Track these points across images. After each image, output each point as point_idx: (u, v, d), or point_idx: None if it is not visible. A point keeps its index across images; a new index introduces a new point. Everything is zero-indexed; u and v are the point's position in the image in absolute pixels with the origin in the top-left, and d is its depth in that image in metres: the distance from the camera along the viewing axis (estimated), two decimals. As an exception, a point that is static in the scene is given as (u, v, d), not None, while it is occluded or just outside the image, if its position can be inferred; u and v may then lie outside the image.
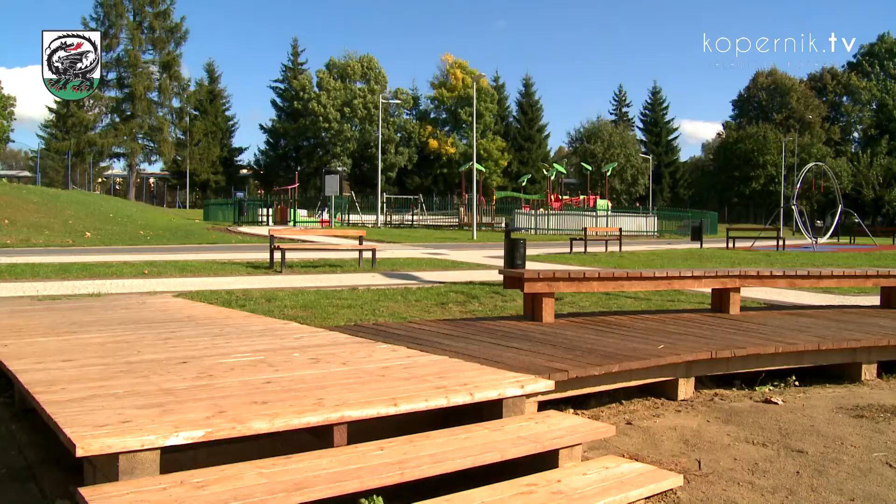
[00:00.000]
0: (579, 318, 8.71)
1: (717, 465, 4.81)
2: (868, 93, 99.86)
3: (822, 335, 7.56)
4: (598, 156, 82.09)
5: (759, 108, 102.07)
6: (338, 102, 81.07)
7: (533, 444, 4.14)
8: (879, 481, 4.62)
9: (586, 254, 24.21)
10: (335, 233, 27.34)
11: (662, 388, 6.46)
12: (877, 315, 9.49)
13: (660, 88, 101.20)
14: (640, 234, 45.69)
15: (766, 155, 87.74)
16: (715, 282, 9.19)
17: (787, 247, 32.77)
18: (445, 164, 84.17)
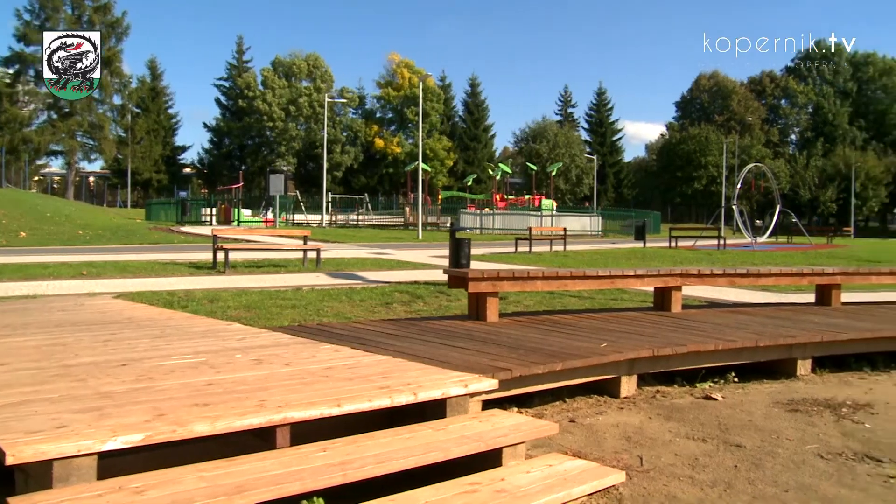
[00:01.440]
0: (524, 317, 8.76)
1: (659, 460, 4.88)
2: (805, 96, 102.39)
3: (760, 332, 7.72)
4: (543, 156, 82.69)
5: (701, 110, 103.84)
6: (283, 101, 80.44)
7: (476, 443, 4.15)
8: (812, 472, 4.75)
9: (531, 253, 24.36)
10: (280, 233, 27.05)
11: (605, 385, 6.53)
12: (811, 312, 9.72)
13: (605, 89, 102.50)
14: (585, 234, 46.09)
15: (707, 156, 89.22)
16: (657, 281, 9.32)
17: (728, 246, 33.37)
18: (391, 163, 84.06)
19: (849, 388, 7.19)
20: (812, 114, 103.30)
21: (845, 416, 6.14)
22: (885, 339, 8.19)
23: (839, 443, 5.41)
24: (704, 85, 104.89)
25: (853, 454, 5.16)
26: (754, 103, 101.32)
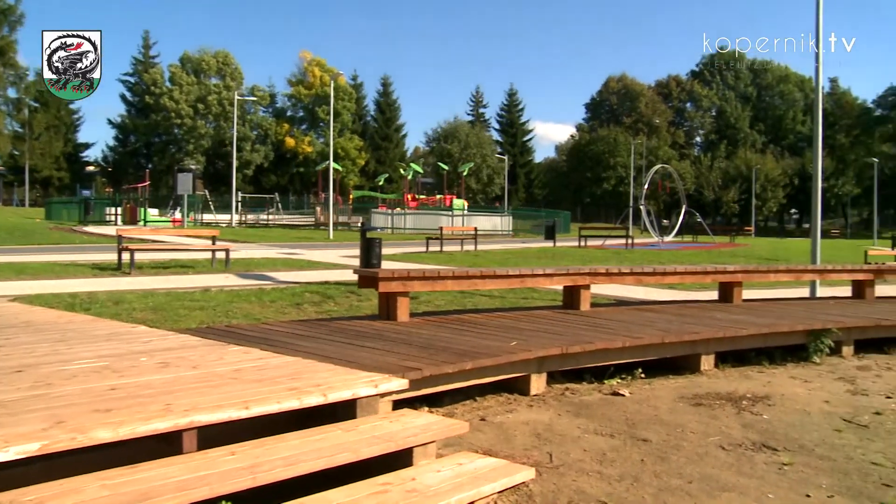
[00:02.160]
0: (434, 316, 8.79)
1: (568, 456, 4.96)
2: (709, 100, 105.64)
3: (666, 329, 7.92)
4: (454, 156, 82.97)
5: (610, 112, 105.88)
6: (191, 98, 78.65)
7: (387, 443, 4.14)
8: (714, 463, 4.91)
9: (442, 253, 24.44)
10: (188, 232, 26.47)
11: (516, 383, 6.59)
12: (715, 309, 10.02)
13: (516, 90, 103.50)
14: (496, 234, 46.47)
15: (616, 157, 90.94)
16: (566, 279, 9.46)
17: (636, 245, 34.10)
18: (302, 162, 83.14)
19: (749, 382, 7.44)
20: (716, 117, 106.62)
21: (745, 408, 6.35)
22: (781, 333, 8.51)
23: (739, 434, 5.60)
24: (613, 87, 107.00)
25: (752, 444, 5.35)
26: (661, 106, 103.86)
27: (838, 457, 5.16)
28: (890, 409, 6.56)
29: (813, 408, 6.49)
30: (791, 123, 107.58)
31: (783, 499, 4.35)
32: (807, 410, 6.39)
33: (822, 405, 6.60)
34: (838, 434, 5.73)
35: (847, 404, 6.68)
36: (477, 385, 6.25)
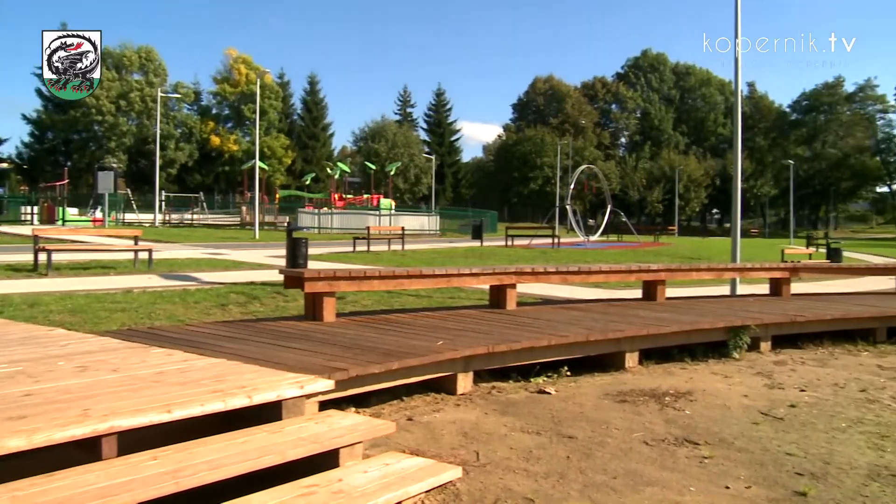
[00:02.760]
0: (361, 316, 8.75)
1: (495, 455, 4.99)
2: (633, 102, 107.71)
3: (591, 327, 8.02)
4: (382, 155, 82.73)
5: (537, 113, 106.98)
6: (112, 94, 76.67)
7: (313, 444, 4.11)
8: (638, 458, 5.00)
9: (369, 252, 24.35)
10: (109, 232, 25.89)
11: (442, 383, 6.60)
12: (639, 307, 10.19)
13: (443, 90, 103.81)
14: (423, 233, 46.48)
15: (543, 157, 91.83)
16: (493, 279, 9.51)
17: (562, 244, 34.50)
18: (228, 161, 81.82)
19: (672, 378, 7.59)
20: (640, 118, 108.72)
21: (668, 404, 6.48)
22: (703, 330, 8.71)
23: (662, 429, 5.71)
24: (540, 88, 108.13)
25: (675, 439, 5.46)
26: (587, 107, 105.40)
27: (756, 449, 5.31)
28: (803, 401, 6.77)
29: (732, 402, 6.65)
30: (713, 126, 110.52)
31: (704, 491, 4.45)
32: (727, 405, 6.55)
33: (741, 399, 6.77)
34: (756, 427, 5.89)
35: (764, 398, 6.87)
36: (404, 385, 6.24)
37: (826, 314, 10.05)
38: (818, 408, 6.56)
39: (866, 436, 5.75)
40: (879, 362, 8.88)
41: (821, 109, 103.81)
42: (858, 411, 6.49)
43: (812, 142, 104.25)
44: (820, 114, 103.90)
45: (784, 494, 4.45)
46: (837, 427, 5.97)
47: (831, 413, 6.40)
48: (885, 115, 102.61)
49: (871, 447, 5.46)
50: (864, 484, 4.68)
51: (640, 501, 4.28)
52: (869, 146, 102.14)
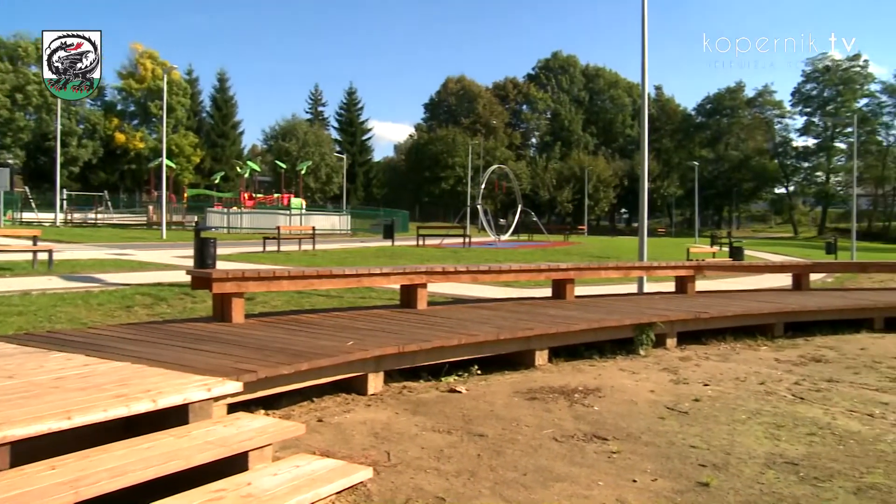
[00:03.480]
0: (271, 317, 8.63)
1: (406, 454, 4.98)
2: (544, 103, 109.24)
3: (501, 326, 8.09)
4: (293, 154, 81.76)
5: (448, 112, 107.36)
6: (7, 87, 73.69)
7: (221, 448, 4.04)
8: (548, 455, 5.07)
9: (280, 253, 24.03)
10: (4, 232, 24.79)
11: (353, 383, 6.57)
12: (548, 305, 10.33)
13: (355, 89, 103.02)
14: (334, 233, 46.20)
15: (454, 157, 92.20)
16: (403, 278, 9.51)
17: (473, 244, 34.70)
18: (134, 159, 79.65)
19: (581, 375, 7.71)
20: (551, 119, 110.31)
21: (577, 400, 6.58)
22: (611, 328, 8.88)
23: (572, 426, 5.80)
24: (452, 88, 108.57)
25: (583, 435, 5.55)
26: (499, 108, 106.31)
27: (661, 442, 5.44)
28: (707, 395, 6.97)
29: (640, 398, 6.80)
30: (621, 127, 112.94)
31: (612, 485, 4.53)
32: (634, 400, 6.69)
33: (647, 395, 6.93)
34: (662, 421, 6.04)
35: (670, 393, 7.04)
36: (314, 386, 6.18)
37: (728, 311, 10.37)
38: (720, 401, 6.76)
39: (764, 426, 5.96)
40: (777, 356, 9.21)
41: (723, 113, 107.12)
42: (757, 403, 6.72)
43: (716, 144, 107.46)
44: (723, 117, 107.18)
45: (688, 486, 4.57)
46: (738, 419, 6.16)
47: (733, 406, 6.60)
48: (782, 119, 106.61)
49: (768, 437, 5.66)
50: (762, 472, 4.86)
51: (549, 497, 4.33)
52: (768, 149, 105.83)
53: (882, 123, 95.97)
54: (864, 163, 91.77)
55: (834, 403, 6.83)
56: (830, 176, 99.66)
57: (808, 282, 14.37)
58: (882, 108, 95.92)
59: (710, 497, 4.41)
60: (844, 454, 5.30)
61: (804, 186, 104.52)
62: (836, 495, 4.50)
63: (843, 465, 5.06)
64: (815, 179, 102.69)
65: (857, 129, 56.79)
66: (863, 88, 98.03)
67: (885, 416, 6.44)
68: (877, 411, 6.60)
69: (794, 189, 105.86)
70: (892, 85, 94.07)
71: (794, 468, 4.95)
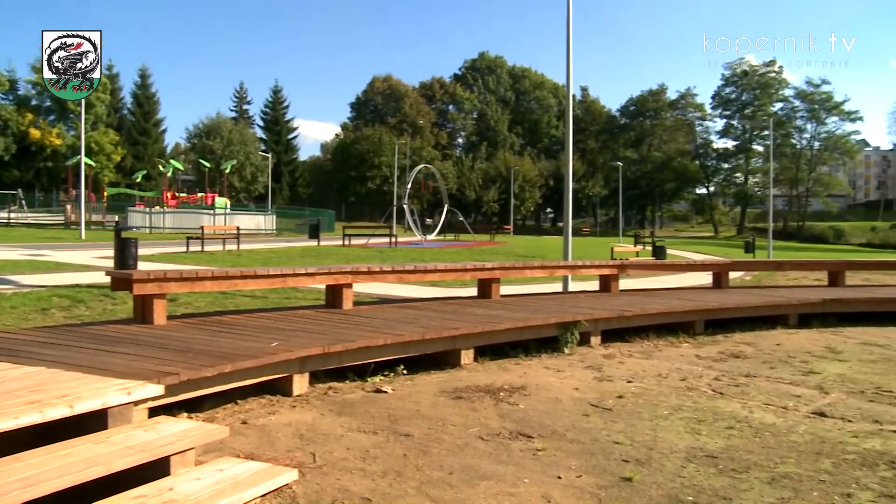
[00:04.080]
0: (194, 318, 8.48)
1: (332, 455, 4.95)
2: (470, 103, 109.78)
3: (427, 325, 8.09)
4: (217, 153, 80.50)
5: (375, 112, 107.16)
6: None
7: (141, 453, 3.95)
8: (474, 454, 5.09)
9: (203, 253, 23.65)
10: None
11: (278, 384, 6.50)
12: (474, 305, 10.37)
13: (280, 87, 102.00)
14: (260, 233, 45.73)
15: (381, 156, 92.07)
16: (329, 278, 9.44)
17: (400, 244, 34.66)
18: (50, 156, 77.25)
19: (506, 374, 7.76)
20: (477, 119, 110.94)
21: (503, 399, 6.63)
22: (536, 326, 8.96)
23: (497, 424, 5.83)
24: (378, 87, 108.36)
25: (509, 433, 5.59)
26: (425, 107, 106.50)
27: (586, 439, 5.51)
28: (630, 392, 7.08)
29: (564, 395, 6.88)
30: (546, 128, 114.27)
31: (537, 482, 4.58)
32: (559, 398, 6.77)
33: (572, 392, 7.01)
34: (586, 418, 6.12)
35: (594, 390, 7.13)
36: (238, 388, 6.10)
37: (651, 309, 10.56)
38: (643, 398, 6.89)
39: (685, 421, 6.09)
40: (698, 352, 9.42)
41: (647, 115, 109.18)
42: (679, 399, 6.86)
43: (639, 145, 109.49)
44: (646, 119, 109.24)
45: (612, 481, 4.64)
46: (660, 415, 6.28)
47: (655, 402, 6.73)
48: (703, 121, 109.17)
49: (689, 432, 5.79)
50: (683, 466, 4.97)
51: (475, 496, 4.34)
52: (689, 150, 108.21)
53: (796, 127, 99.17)
54: (780, 165, 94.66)
55: (751, 397, 7.03)
56: (749, 177, 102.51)
57: (727, 280, 14.72)
58: (795, 113, 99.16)
59: (634, 491, 4.48)
60: (760, 446, 5.46)
61: (724, 187, 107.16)
62: (752, 486, 4.63)
63: (758, 456, 5.21)
64: (735, 180, 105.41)
65: (772, 133, 58.33)
66: (778, 93, 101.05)
67: (797, 409, 6.65)
68: (790, 404, 6.81)
69: (714, 189, 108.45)
70: (804, 91, 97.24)
71: (714, 461, 5.08)
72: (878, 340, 10.75)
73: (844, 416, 6.44)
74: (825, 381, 7.91)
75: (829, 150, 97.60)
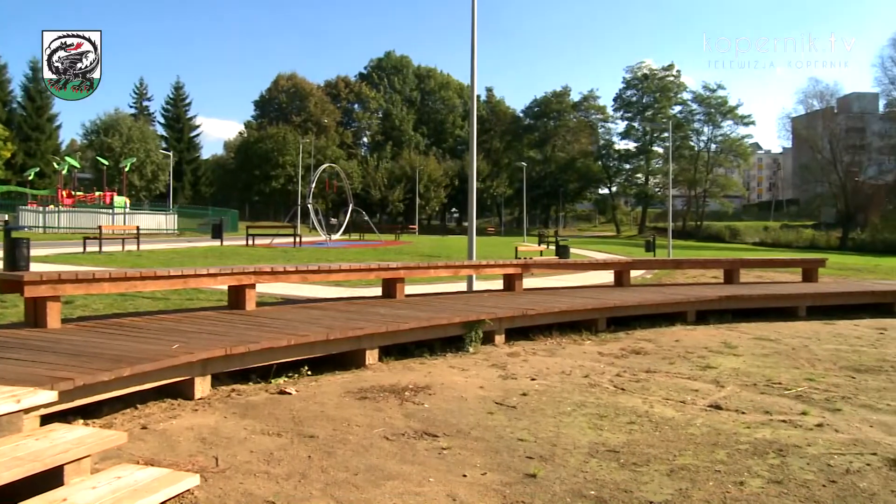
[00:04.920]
0: (90, 321, 8.21)
1: (235, 459, 4.87)
2: (376, 102, 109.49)
3: (331, 326, 8.04)
4: (115, 150, 78.20)
5: (279, 110, 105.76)
6: None
7: (32, 463, 3.81)
8: (379, 454, 5.08)
9: (102, 253, 22.95)
10: None
11: (179, 388, 6.36)
12: (379, 304, 10.36)
13: (182, 84, 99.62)
14: (161, 233, 44.72)
15: (285, 155, 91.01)
16: (231, 279, 9.28)
17: (304, 243, 34.32)
18: (-66, 153, 74.01)
19: (411, 373, 7.77)
20: (382, 119, 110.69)
21: (408, 398, 6.63)
22: (441, 325, 9.00)
23: (402, 424, 5.83)
24: (283, 85, 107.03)
25: (414, 433, 5.60)
26: (330, 106, 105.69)
27: (491, 437, 5.56)
28: (534, 389, 7.18)
29: (469, 394, 6.92)
30: (451, 127, 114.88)
31: (442, 481, 4.60)
32: (464, 397, 6.81)
33: (477, 391, 7.06)
34: (491, 416, 6.17)
35: (499, 388, 7.20)
36: (138, 392, 5.94)
37: (554, 307, 10.73)
38: (547, 395, 6.98)
39: (588, 417, 6.21)
40: (600, 350, 9.61)
41: (551, 116, 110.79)
42: (582, 396, 6.99)
43: (543, 145, 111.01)
44: (550, 120, 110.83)
45: (516, 478, 4.70)
46: (564, 411, 6.38)
47: (559, 399, 6.83)
48: (605, 123, 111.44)
49: (591, 427, 5.91)
50: (585, 461, 5.06)
51: (380, 496, 4.33)
52: (592, 151, 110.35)
53: (693, 130, 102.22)
54: (679, 166, 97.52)
55: (651, 393, 7.21)
56: (649, 178, 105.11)
57: (628, 278, 15.07)
58: (693, 116, 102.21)
59: (538, 487, 4.55)
60: (660, 439, 5.61)
61: (626, 187, 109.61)
62: (652, 478, 4.76)
63: (658, 449, 5.35)
64: (636, 181, 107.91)
65: (672, 135, 59.99)
66: (676, 96, 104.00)
67: (695, 402, 6.85)
68: (688, 398, 7.01)
69: (616, 190, 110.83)
70: (701, 94, 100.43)
71: (616, 455, 5.19)
72: (770, 335, 11.18)
73: (738, 408, 6.68)
74: (721, 375, 8.18)
75: (724, 153, 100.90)
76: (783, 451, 5.40)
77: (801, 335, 11.29)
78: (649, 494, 4.48)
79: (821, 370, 8.64)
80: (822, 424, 6.19)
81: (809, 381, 7.94)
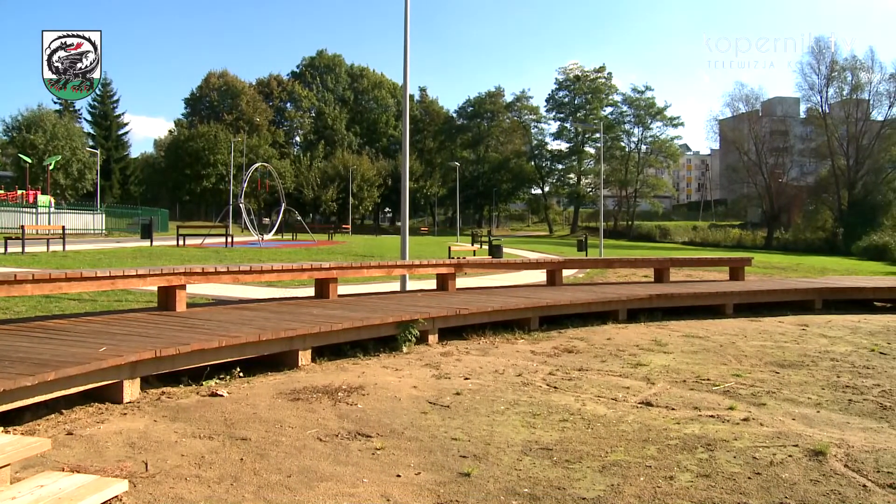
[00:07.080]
0: (12, 324, 7.98)
1: (165, 463, 4.79)
2: (308, 101, 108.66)
3: (263, 327, 7.96)
4: (39, 147, 76.09)
5: (210, 108, 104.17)
6: None
7: (-51, 471, 3.68)
8: (312, 455, 5.05)
9: (24, 254, 22.33)
10: None
11: (107, 391, 6.22)
12: (312, 305, 10.29)
13: (110, 80, 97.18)
14: (88, 233, 43.66)
15: (217, 154, 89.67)
16: (161, 280, 9.12)
17: (236, 244, 33.86)
18: None
19: (345, 374, 7.73)
20: (315, 118, 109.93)
21: (341, 399, 6.60)
22: (374, 326, 8.97)
23: (336, 425, 5.81)
24: (214, 83, 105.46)
25: (348, 433, 5.57)
26: (262, 105, 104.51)
27: (424, 437, 5.56)
28: (468, 389, 7.21)
29: (403, 394, 6.92)
30: (385, 127, 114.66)
31: (376, 482, 4.59)
32: (397, 397, 6.80)
33: (410, 391, 7.06)
34: (425, 416, 6.18)
35: (432, 388, 7.22)
36: (63, 397, 5.79)
37: (487, 306, 10.78)
38: (481, 394, 7.02)
39: (521, 416, 6.26)
40: (533, 348, 9.70)
41: (484, 116, 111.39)
42: (515, 394, 7.04)
43: (477, 146, 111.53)
44: (483, 120, 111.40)
45: (450, 477, 4.71)
46: (497, 410, 6.42)
47: (492, 398, 6.87)
48: (538, 124, 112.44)
49: (524, 425, 5.96)
50: (519, 459, 5.11)
51: (314, 498, 4.31)
52: (525, 151, 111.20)
53: (624, 131, 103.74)
54: (610, 166, 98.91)
55: (584, 391, 7.30)
56: (581, 178, 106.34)
57: (561, 278, 15.23)
58: (624, 117, 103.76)
59: (472, 486, 4.56)
60: (592, 437, 5.69)
61: (558, 187, 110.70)
62: (584, 474, 4.82)
63: (591, 446, 5.42)
64: (568, 181, 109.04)
65: (603, 135, 60.79)
66: (608, 98, 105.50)
67: (626, 399, 6.96)
68: (620, 395, 7.12)
69: (549, 190, 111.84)
70: (631, 96, 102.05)
71: (549, 453, 5.24)
72: (699, 332, 11.41)
73: (668, 404, 6.81)
74: (652, 372, 8.33)
75: (654, 154, 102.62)
76: (711, 445, 5.52)
77: (728, 332, 11.56)
78: (582, 491, 4.54)
79: (747, 366, 8.86)
80: (748, 419, 6.35)
81: (736, 377, 8.14)
